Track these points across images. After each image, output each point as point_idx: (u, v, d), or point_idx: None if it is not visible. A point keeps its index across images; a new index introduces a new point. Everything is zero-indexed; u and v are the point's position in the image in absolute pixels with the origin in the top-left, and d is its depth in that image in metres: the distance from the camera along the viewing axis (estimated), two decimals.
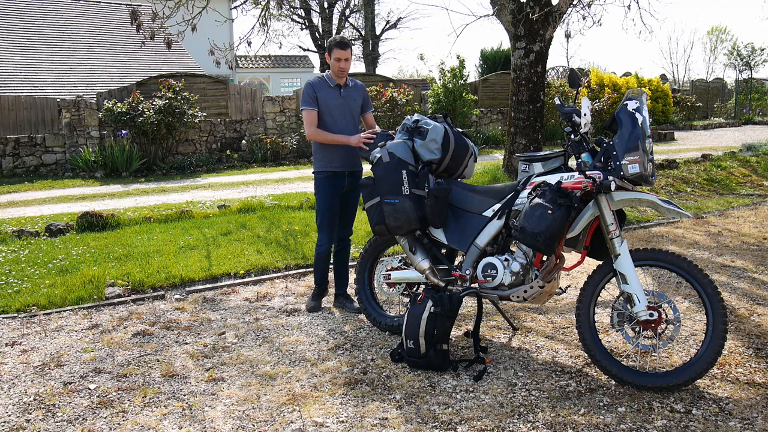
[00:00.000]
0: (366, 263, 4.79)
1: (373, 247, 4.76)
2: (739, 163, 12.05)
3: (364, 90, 5.20)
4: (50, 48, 19.79)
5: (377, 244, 4.74)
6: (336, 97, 4.99)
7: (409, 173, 4.17)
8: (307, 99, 4.95)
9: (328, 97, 4.97)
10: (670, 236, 7.34)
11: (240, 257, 6.63)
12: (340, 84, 5.02)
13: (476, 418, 3.37)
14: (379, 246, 4.75)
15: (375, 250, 4.77)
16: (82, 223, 8.01)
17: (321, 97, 4.94)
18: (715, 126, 24.66)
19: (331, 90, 4.98)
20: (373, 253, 4.78)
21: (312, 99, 4.93)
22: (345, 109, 5.02)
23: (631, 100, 3.63)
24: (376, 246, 4.75)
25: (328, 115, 4.98)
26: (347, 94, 5.05)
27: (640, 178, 3.57)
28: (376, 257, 4.80)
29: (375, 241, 4.73)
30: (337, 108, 4.98)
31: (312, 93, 4.94)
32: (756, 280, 5.58)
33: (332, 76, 5.00)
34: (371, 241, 4.76)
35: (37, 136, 13.94)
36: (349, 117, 5.06)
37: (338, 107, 4.98)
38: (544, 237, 3.62)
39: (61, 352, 4.41)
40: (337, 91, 5.00)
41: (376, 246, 4.75)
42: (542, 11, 9.79)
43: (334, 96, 4.98)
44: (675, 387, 3.56)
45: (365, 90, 5.22)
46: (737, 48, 38.31)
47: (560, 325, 4.69)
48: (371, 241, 4.76)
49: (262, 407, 3.55)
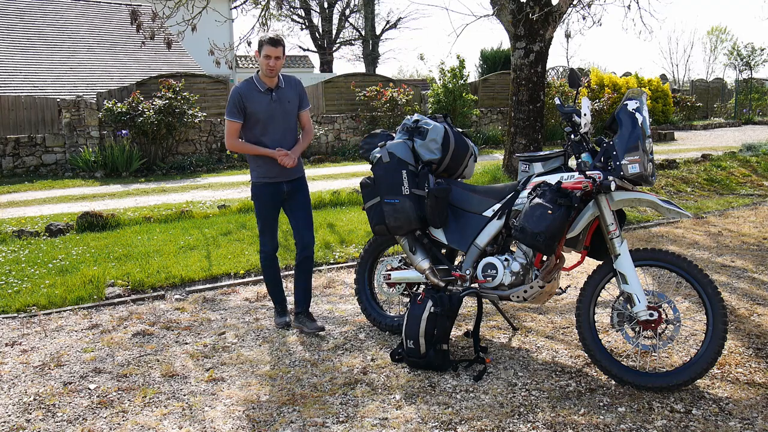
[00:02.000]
0: (366, 263, 4.78)
1: (372, 247, 4.76)
2: (739, 163, 12.05)
3: (299, 86, 4.74)
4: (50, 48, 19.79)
5: (377, 244, 4.74)
6: (267, 103, 4.54)
7: (409, 173, 4.17)
8: (231, 109, 4.50)
9: (258, 104, 4.52)
10: (670, 236, 7.34)
11: (240, 257, 6.63)
12: (271, 87, 4.56)
13: (476, 418, 3.37)
14: (379, 246, 4.75)
15: (375, 250, 4.77)
16: (82, 223, 8.01)
17: (249, 106, 4.50)
18: (715, 126, 24.66)
19: (261, 96, 4.53)
20: (373, 253, 4.77)
21: (237, 110, 4.49)
22: (278, 114, 4.58)
23: (631, 100, 3.63)
24: (376, 246, 4.75)
25: (259, 124, 4.55)
26: (280, 96, 4.58)
27: (640, 178, 3.57)
28: (376, 257, 4.80)
29: (375, 241, 4.73)
30: (268, 115, 4.54)
31: (239, 103, 4.49)
32: (756, 280, 5.58)
33: (262, 78, 4.55)
34: (371, 241, 4.76)
35: (37, 136, 13.94)
36: (284, 123, 4.62)
37: (270, 114, 4.54)
38: (544, 237, 3.62)
39: (61, 352, 4.41)
40: (268, 96, 4.54)
41: (376, 246, 4.75)
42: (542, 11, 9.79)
43: (264, 102, 4.53)
44: (675, 387, 3.56)
45: (301, 85, 4.77)
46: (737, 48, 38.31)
47: (560, 325, 4.69)
48: (371, 241, 4.76)
49: (262, 407, 3.55)
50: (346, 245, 7.08)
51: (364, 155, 4.53)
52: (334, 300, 5.46)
